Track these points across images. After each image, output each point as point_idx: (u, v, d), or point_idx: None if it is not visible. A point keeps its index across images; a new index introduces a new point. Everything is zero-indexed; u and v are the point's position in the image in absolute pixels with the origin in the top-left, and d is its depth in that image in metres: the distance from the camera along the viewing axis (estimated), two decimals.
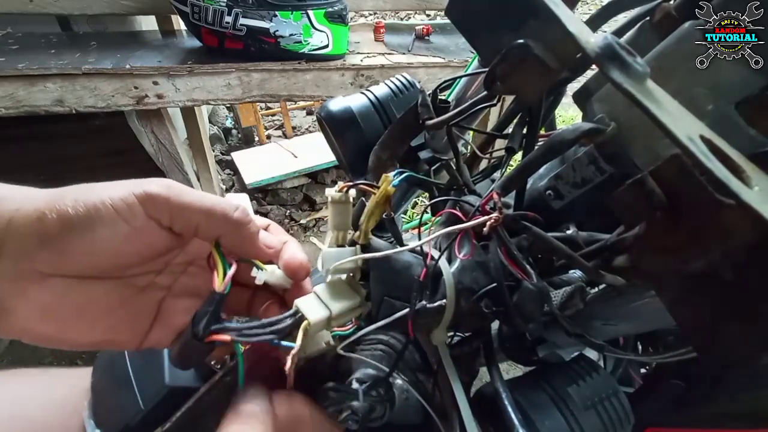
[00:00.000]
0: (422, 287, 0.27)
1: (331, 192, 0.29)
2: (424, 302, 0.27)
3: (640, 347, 0.40)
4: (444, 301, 0.27)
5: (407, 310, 0.27)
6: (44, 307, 0.23)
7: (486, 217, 0.25)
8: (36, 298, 0.22)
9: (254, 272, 0.28)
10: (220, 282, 0.25)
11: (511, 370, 0.83)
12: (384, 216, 0.28)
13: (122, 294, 0.26)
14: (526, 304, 0.25)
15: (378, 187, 0.28)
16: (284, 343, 0.26)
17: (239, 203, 0.27)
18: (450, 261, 0.29)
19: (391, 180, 0.28)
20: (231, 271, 0.26)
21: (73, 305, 0.23)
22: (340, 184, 0.29)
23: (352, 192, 0.29)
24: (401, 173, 0.30)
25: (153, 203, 0.24)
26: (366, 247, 0.29)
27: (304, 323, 0.26)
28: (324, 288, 0.28)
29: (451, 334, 0.31)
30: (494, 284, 0.26)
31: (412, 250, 0.29)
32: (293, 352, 0.25)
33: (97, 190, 0.23)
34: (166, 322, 0.28)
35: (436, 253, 0.28)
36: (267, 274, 0.29)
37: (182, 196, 0.24)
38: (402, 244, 0.29)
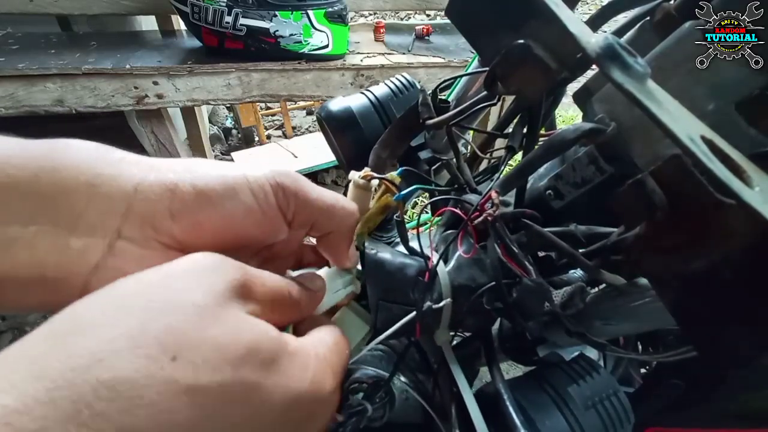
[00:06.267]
0: (426, 288, 0.27)
1: (355, 177, 0.29)
2: (429, 303, 0.27)
3: (640, 347, 0.40)
4: (446, 301, 0.27)
5: (413, 314, 0.27)
6: None
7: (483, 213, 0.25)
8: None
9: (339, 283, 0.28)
10: None
11: (511, 370, 0.83)
12: (395, 218, 0.29)
13: None
14: (525, 300, 0.25)
15: (396, 185, 0.28)
16: None
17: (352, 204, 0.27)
18: (447, 261, 0.29)
19: (394, 183, 0.28)
20: None
21: None
22: (366, 170, 0.30)
23: (374, 182, 0.30)
24: (405, 170, 0.30)
25: (284, 195, 0.24)
26: (361, 252, 0.29)
27: None
28: None
29: (453, 333, 0.31)
30: (493, 282, 0.26)
31: (411, 252, 0.29)
32: None
33: (231, 171, 0.23)
34: None
35: (433, 254, 0.28)
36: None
37: (308, 193, 0.24)
38: (408, 246, 0.29)
